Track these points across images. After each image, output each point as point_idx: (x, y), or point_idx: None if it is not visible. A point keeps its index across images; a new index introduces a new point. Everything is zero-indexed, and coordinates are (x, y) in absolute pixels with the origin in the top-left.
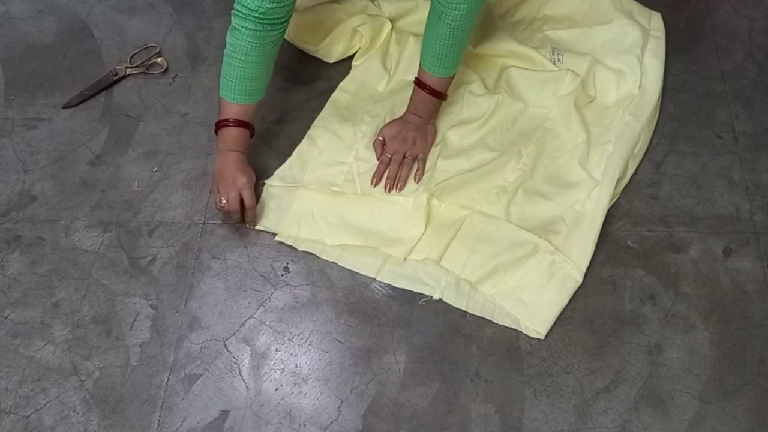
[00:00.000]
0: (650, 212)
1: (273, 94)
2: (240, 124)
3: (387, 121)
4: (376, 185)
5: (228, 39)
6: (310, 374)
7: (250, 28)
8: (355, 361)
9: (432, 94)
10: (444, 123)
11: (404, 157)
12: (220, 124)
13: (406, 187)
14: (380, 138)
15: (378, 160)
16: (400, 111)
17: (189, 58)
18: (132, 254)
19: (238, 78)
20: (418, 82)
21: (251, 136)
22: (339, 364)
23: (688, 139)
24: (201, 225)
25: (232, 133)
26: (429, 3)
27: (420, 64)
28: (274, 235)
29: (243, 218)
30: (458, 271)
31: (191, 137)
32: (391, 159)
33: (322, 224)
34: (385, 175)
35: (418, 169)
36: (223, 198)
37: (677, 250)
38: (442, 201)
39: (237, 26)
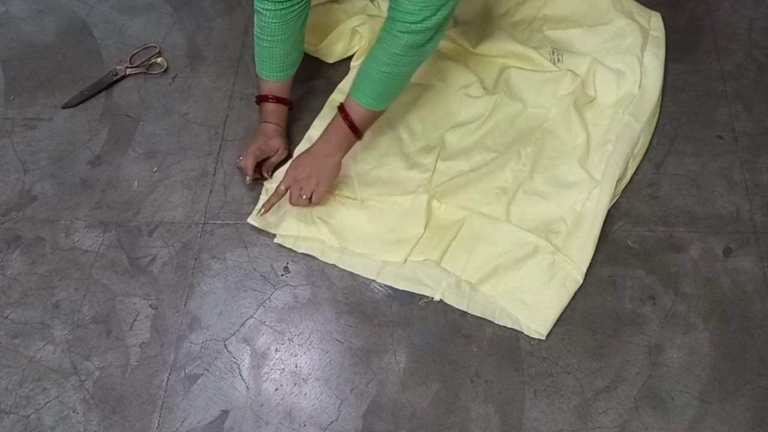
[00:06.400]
0: (650, 212)
1: None
2: (277, 99)
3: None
4: (263, 215)
5: (255, 21)
6: (310, 374)
7: (270, 9)
8: (355, 361)
9: (350, 128)
10: (443, 125)
11: (300, 196)
12: (260, 99)
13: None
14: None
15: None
16: (398, 113)
17: (189, 58)
18: (132, 254)
19: (269, 57)
20: (342, 109)
21: (289, 109)
22: (339, 364)
23: (688, 139)
24: (201, 225)
25: (269, 108)
26: None
27: (349, 91)
28: (274, 236)
29: (260, 177)
30: (459, 272)
31: (191, 137)
32: (286, 191)
33: (321, 225)
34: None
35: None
36: (242, 155)
37: (677, 250)
38: (442, 202)
39: (259, 9)
